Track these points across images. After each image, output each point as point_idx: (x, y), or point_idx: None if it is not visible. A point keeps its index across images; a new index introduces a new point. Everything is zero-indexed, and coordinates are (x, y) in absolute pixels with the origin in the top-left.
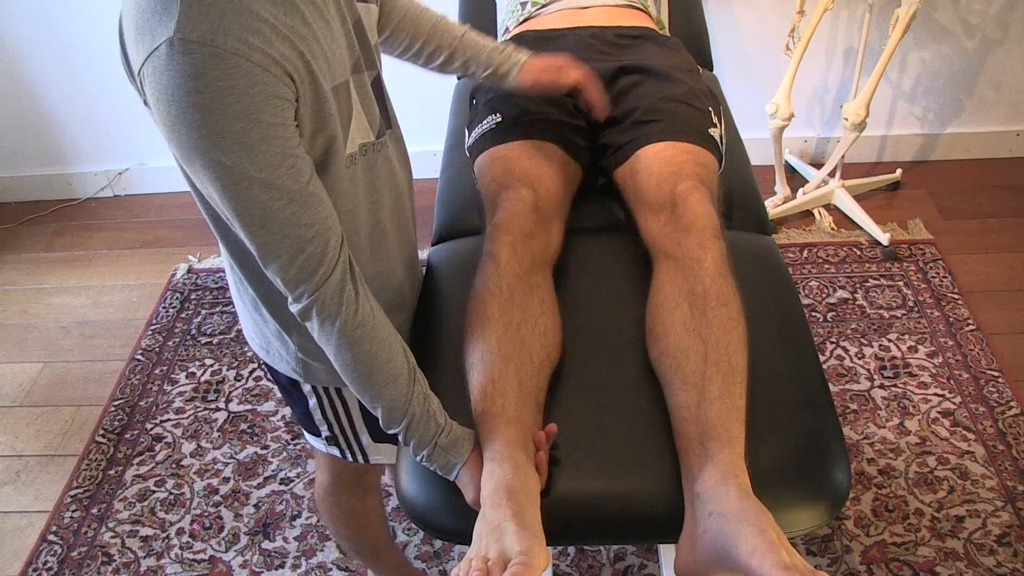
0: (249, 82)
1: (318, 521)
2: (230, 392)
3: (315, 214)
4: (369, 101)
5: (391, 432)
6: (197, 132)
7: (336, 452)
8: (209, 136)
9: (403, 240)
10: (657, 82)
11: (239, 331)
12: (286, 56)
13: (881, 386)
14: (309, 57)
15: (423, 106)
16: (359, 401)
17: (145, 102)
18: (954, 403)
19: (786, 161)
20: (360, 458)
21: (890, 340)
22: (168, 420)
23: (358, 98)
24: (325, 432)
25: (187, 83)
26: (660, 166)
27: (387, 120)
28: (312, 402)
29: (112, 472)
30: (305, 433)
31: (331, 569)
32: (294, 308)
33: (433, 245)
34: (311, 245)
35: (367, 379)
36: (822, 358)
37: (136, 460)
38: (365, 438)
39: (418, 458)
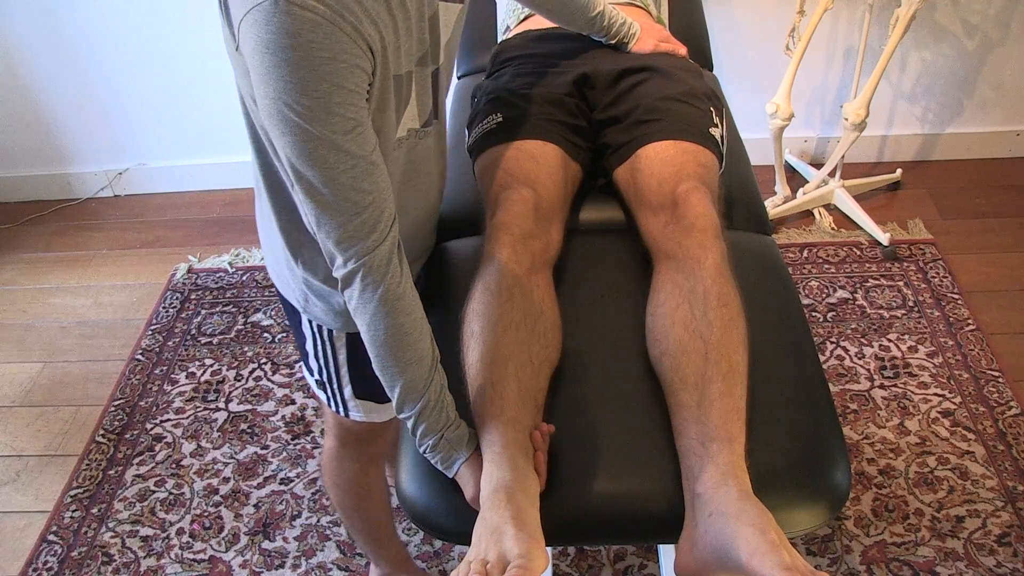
0: (339, 49)
1: (318, 521)
2: (230, 392)
3: (374, 183)
4: (425, 92)
5: (402, 416)
6: (283, 86)
7: (324, 398)
8: (292, 91)
9: (426, 219)
10: (658, 81)
11: (239, 331)
12: (371, 35)
13: (881, 386)
14: (387, 43)
15: None
16: (347, 351)
17: (236, 48)
18: (954, 403)
19: (786, 161)
20: (342, 410)
21: (890, 340)
22: (168, 420)
23: (416, 89)
24: (316, 376)
25: (283, 40)
26: (660, 166)
27: (435, 111)
28: (309, 340)
29: (112, 472)
30: (304, 370)
31: (331, 569)
32: (339, 272)
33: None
34: (367, 212)
35: (395, 354)
36: (822, 358)
37: (136, 460)
38: (348, 390)
39: (422, 449)
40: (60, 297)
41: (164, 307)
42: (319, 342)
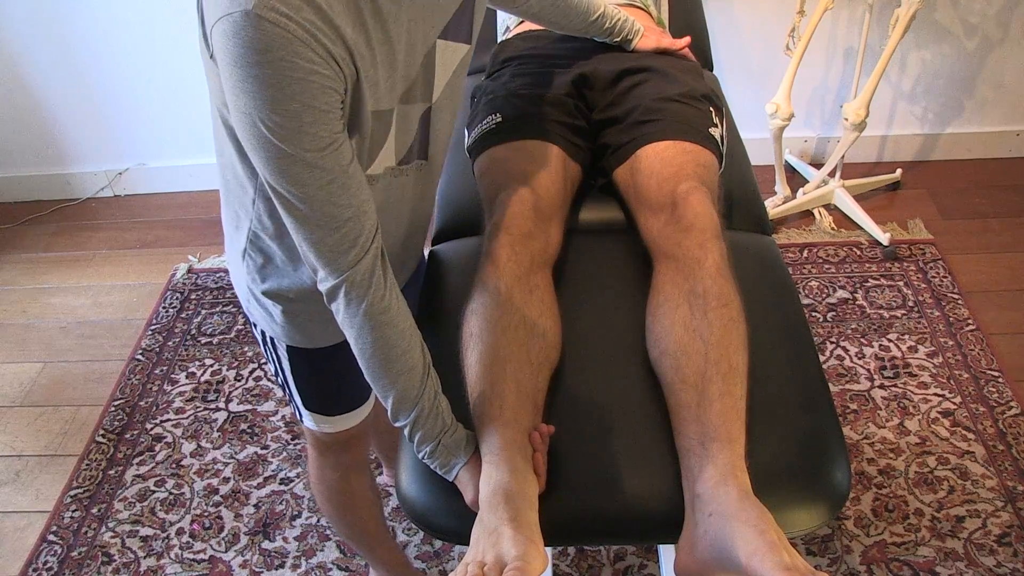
0: (310, 69)
1: (318, 521)
2: (230, 392)
3: (353, 196)
4: (405, 130)
5: (397, 424)
6: (252, 102)
7: (288, 400)
8: (262, 108)
9: (396, 260)
10: (658, 81)
11: (239, 331)
12: (345, 61)
13: (881, 386)
14: (362, 75)
15: None
16: (290, 362)
17: (211, 56)
18: (954, 403)
19: (786, 161)
20: (299, 416)
21: (890, 340)
22: (168, 420)
23: (396, 125)
24: (274, 378)
25: (252, 55)
26: (660, 166)
27: (423, 151)
28: (261, 346)
29: (112, 472)
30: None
31: (331, 569)
32: (323, 286)
33: (433, 245)
34: (346, 226)
35: (383, 366)
36: (822, 358)
37: (136, 460)
38: (299, 399)
39: (420, 455)
40: (60, 297)
41: (164, 307)
42: (267, 348)
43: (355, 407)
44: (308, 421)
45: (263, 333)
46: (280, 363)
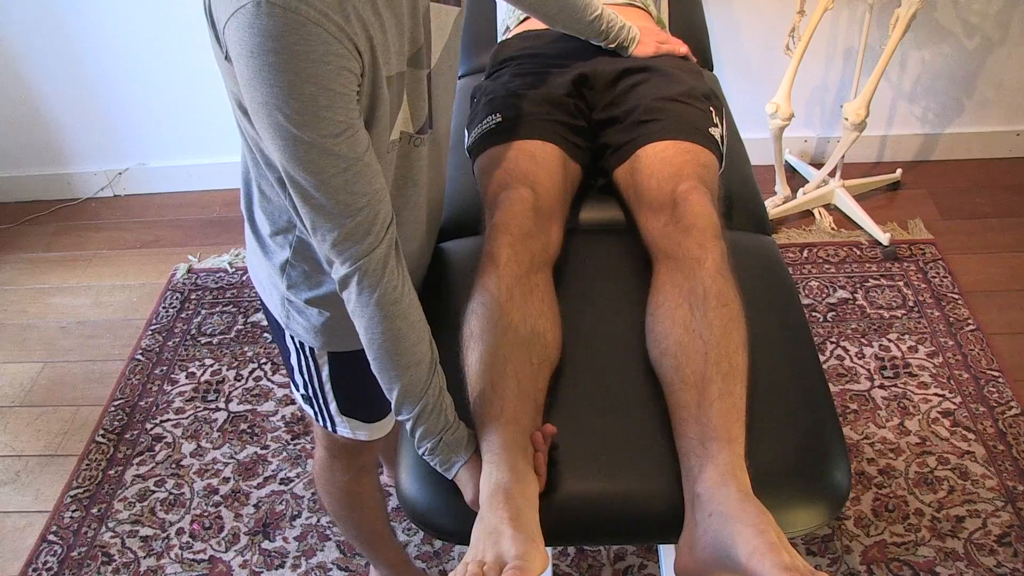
0: (324, 50)
1: (318, 521)
2: (230, 392)
3: (368, 185)
4: (418, 95)
5: (400, 418)
6: (269, 90)
7: (311, 412)
8: (279, 95)
9: (417, 231)
10: (657, 81)
11: (239, 331)
12: (358, 35)
13: (881, 386)
14: (376, 43)
15: None
16: (330, 368)
17: (226, 57)
18: (954, 403)
19: (786, 161)
20: (329, 426)
21: (890, 340)
22: (168, 420)
23: (408, 91)
24: (301, 390)
25: (266, 43)
26: (660, 166)
27: (430, 121)
28: (292, 355)
29: (112, 472)
30: (291, 385)
31: (331, 569)
32: (336, 275)
33: None
34: (361, 214)
35: (392, 358)
36: (822, 358)
37: (136, 460)
38: (333, 406)
39: (420, 451)
40: (60, 297)
41: (164, 307)
42: (302, 358)
43: (389, 411)
44: (343, 428)
45: (301, 345)
46: (319, 372)
